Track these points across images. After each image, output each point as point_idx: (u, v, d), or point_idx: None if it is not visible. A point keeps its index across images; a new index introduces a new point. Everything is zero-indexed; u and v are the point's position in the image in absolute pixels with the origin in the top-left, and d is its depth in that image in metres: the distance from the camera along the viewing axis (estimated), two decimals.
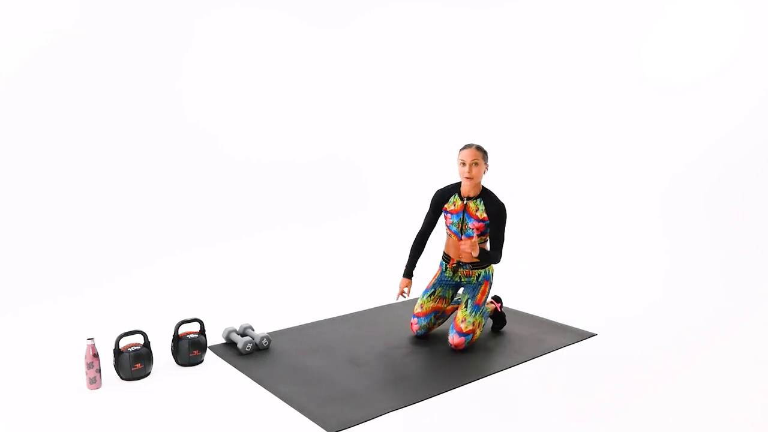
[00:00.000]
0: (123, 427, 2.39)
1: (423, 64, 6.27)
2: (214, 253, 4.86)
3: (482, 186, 3.17)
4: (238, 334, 3.28)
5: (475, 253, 2.93)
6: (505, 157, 6.10)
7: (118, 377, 2.85)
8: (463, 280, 3.27)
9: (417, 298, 3.33)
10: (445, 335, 3.41)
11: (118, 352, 2.83)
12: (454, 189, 3.21)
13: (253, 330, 3.34)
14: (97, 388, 2.74)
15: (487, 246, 3.24)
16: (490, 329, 3.48)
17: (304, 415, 2.47)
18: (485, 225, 3.11)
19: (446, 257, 3.33)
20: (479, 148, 3.08)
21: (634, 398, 2.58)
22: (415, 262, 3.30)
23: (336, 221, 5.68)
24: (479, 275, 3.23)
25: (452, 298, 3.36)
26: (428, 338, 3.36)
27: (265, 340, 3.20)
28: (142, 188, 4.73)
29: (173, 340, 3.01)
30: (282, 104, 5.49)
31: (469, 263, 3.21)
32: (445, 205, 3.21)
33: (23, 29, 4.24)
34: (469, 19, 6.24)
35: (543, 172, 5.79)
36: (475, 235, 3.12)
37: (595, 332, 3.41)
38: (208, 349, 3.20)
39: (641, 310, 3.79)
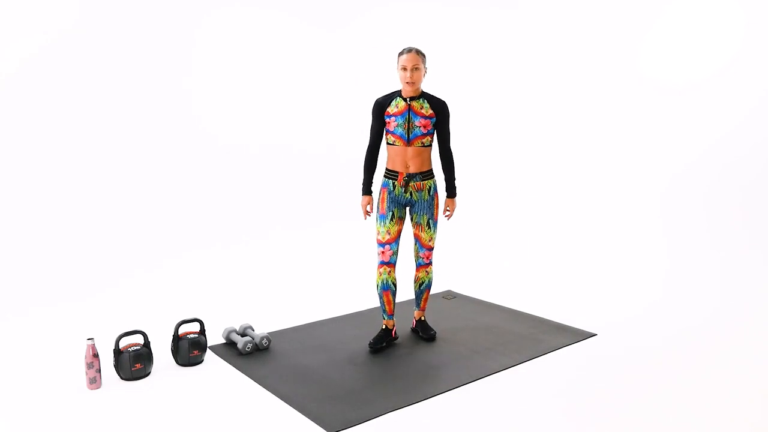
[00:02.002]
0: (123, 427, 2.39)
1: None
2: (214, 253, 4.86)
3: (421, 88, 3.15)
4: (238, 334, 3.28)
5: (453, 208, 3.23)
6: (506, 156, 6.10)
7: (118, 377, 2.85)
8: (414, 195, 3.16)
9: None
10: (442, 333, 3.41)
11: (118, 352, 2.83)
12: (394, 94, 3.16)
13: (253, 330, 3.34)
14: (97, 388, 2.74)
15: (433, 150, 3.24)
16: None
17: (304, 415, 2.47)
18: (431, 122, 3.10)
19: (392, 174, 3.18)
20: (419, 52, 3.07)
21: (633, 398, 2.58)
22: (371, 178, 3.27)
23: (336, 222, 5.68)
24: (430, 187, 3.18)
25: (405, 216, 3.25)
26: (429, 337, 3.36)
27: (265, 340, 3.20)
28: (143, 189, 4.73)
29: (173, 340, 3.02)
30: (282, 106, 5.48)
31: (419, 174, 3.14)
32: (387, 110, 3.13)
33: (23, 29, 4.24)
34: (469, 19, 6.24)
35: (543, 171, 5.79)
36: (422, 134, 3.10)
37: (594, 332, 3.41)
38: (208, 349, 3.20)
39: (641, 310, 3.79)
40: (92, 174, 4.54)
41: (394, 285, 3.20)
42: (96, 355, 2.71)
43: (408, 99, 3.10)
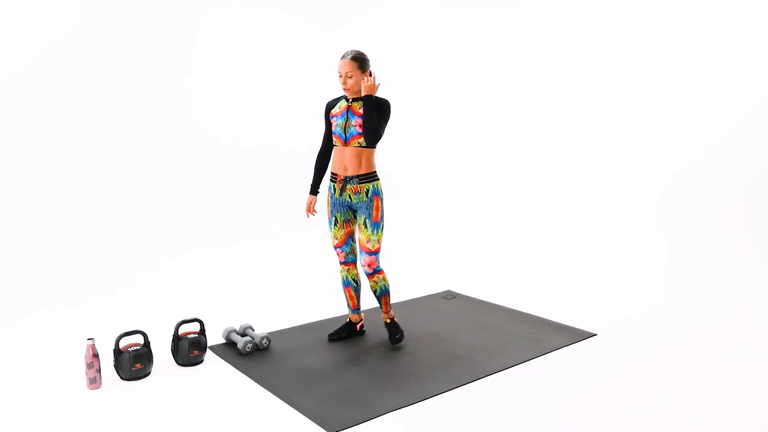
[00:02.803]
0: (123, 427, 2.39)
1: (423, 63, 6.26)
2: (214, 253, 4.86)
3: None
4: (238, 334, 3.28)
5: (371, 90, 3.00)
6: (506, 156, 6.10)
7: (118, 377, 2.85)
8: (353, 198, 3.15)
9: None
10: (442, 333, 3.41)
11: (118, 352, 2.83)
12: (342, 97, 3.18)
13: (253, 330, 3.34)
14: (97, 388, 2.74)
15: (375, 152, 3.20)
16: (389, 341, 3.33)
17: (304, 415, 2.48)
18: None
19: (333, 177, 3.21)
20: (354, 58, 3.01)
21: (633, 398, 2.58)
22: (320, 180, 3.31)
23: None
24: (368, 190, 3.12)
25: (354, 216, 3.24)
26: (429, 337, 3.36)
27: (265, 340, 3.20)
28: (142, 190, 4.73)
29: (173, 340, 3.02)
30: (282, 106, 5.48)
31: (355, 176, 3.10)
32: (332, 111, 3.17)
33: (23, 29, 4.24)
34: (470, 19, 6.24)
35: (543, 171, 5.79)
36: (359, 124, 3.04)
37: (594, 332, 3.41)
38: (208, 349, 3.20)
39: (641, 310, 3.79)
40: (93, 175, 4.54)
41: (355, 281, 3.33)
42: (96, 355, 2.71)
43: (350, 100, 3.11)
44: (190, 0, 4.92)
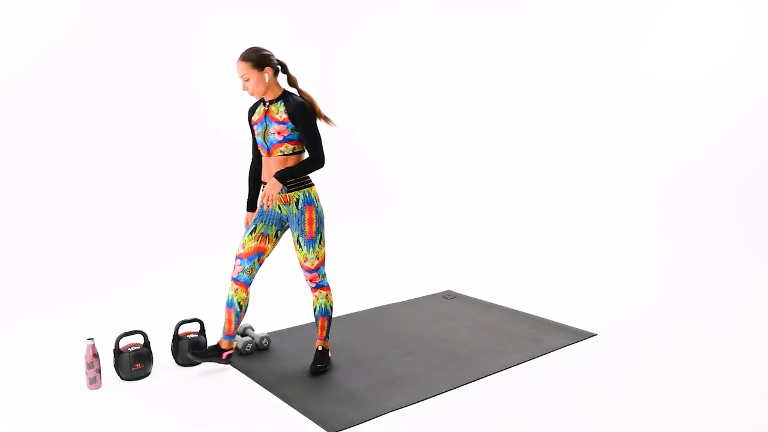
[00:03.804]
0: (123, 427, 2.39)
1: (423, 64, 6.27)
2: (213, 253, 4.86)
3: (283, 89, 2.80)
4: (238, 334, 3.28)
5: (276, 189, 2.68)
6: (506, 156, 6.10)
7: (118, 377, 2.85)
8: (282, 209, 2.81)
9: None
10: (442, 333, 3.41)
11: (118, 352, 2.83)
12: (261, 100, 2.84)
13: (253, 330, 3.34)
14: (97, 388, 2.74)
15: (304, 156, 2.98)
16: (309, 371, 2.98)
17: (304, 415, 2.48)
18: (288, 128, 2.72)
19: (263, 185, 2.91)
20: (245, 59, 2.67)
21: (633, 398, 2.58)
22: (257, 193, 3.00)
23: (336, 222, 5.68)
24: (298, 199, 2.78)
25: (276, 235, 2.89)
26: (429, 337, 3.37)
27: (265, 340, 3.20)
28: (143, 190, 4.73)
29: (173, 340, 3.02)
30: None
31: (285, 185, 2.78)
32: (253, 117, 2.83)
33: (23, 29, 4.24)
34: (470, 19, 6.24)
35: (543, 171, 5.79)
36: (278, 143, 2.75)
37: (594, 332, 3.41)
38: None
39: (641, 310, 3.79)
40: (93, 175, 4.54)
41: (240, 305, 2.87)
42: (96, 355, 2.71)
43: (267, 103, 2.78)
44: (191, 1, 4.92)
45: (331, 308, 2.97)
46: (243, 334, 3.30)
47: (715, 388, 2.66)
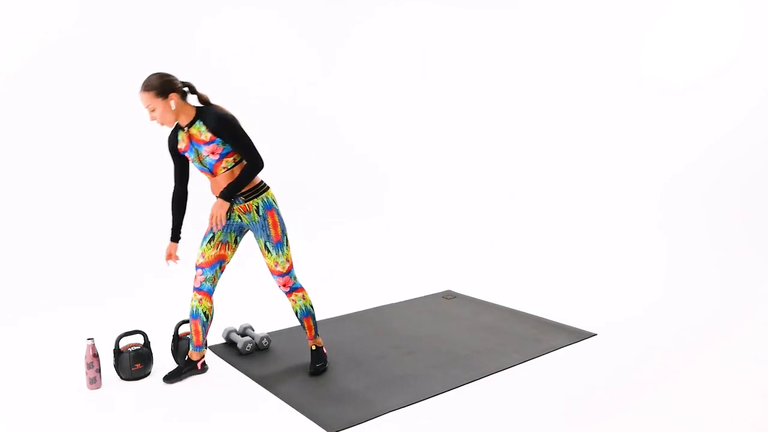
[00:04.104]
0: (123, 427, 2.39)
1: (423, 64, 6.27)
2: None
3: (195, 108, 2.64)
4: (238, 334, 3.28)
5: (224, 209, 2.62)
6: (507, 155, 6.10)
7: (118, 377, 2.85)
8: (243, 218, 2.77)
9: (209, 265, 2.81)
10: (442, 333, 3.41)
11: (118, 352, 2.83)
12: (177, 127, 2.71)
13: (253, 330, 3.34)
14: (97, 388, 2.74)
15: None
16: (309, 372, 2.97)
17: (304, 415, 2.48)
18: (218, 144, 2.61)
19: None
20: (147, 89, 2.52)
21: (633, 398, 2.58)
22: (180, 224, 2.85)
23: (336, 222, 5.68)
24: (257, 206, 2.74)
25: (236, 241, 2.86)
26: (428, 337, 3.37)
27: (265, 340, 3.20)
28: (143, 190, 4.73)
29: (173, 340, 3.01)
30: (285, 109, 5.48)
31: (239, 196, 2.71)
32: (178, 146, 2.72)
33: (23, 29, 4.24)
34: (471, 19, 6.24)
35: (543, 171, 5.79)
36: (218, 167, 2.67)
37: (594, 332, 3.41)
38: (208, 349, 3.20)
39: (641, 310, 3.79)
40: (94, 175, 4.54)
41: (206, 315, 2.83)
42: (96, 355, 2.71)
43: (186, 127, 2.64)
44: (191, 1, 4.92)
45: (312, 306, 2.94)
46: (243, 334, 3.30)
47: (715, 388, 2.66)
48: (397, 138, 6.16)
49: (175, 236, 2.86)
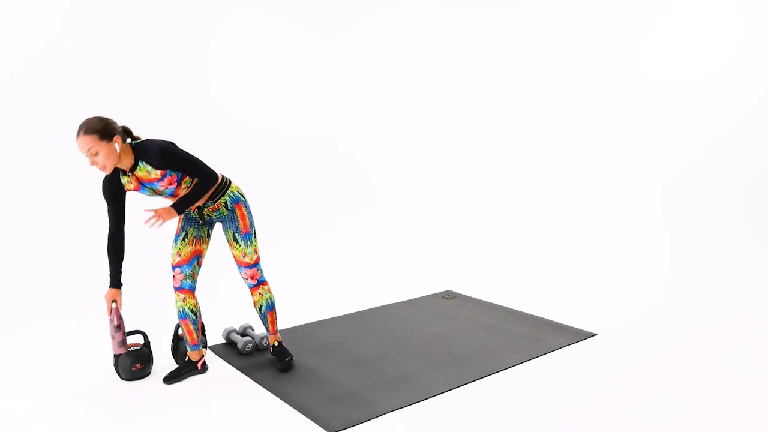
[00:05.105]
0: (123, 427, 2.39)
1: (423, 64, 6.27)
2: (213, 253, 4.86)
3: (131, 148, 2.56)
4: (238, 334, 3.28)
5: (170, 217, 2.56)
6: (507, 155, 6.10)
7: (118, 377, 2.85)
8: (212, 215, 2.82)
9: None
10: (442, 333, 3.41)
11: None
12: (116, 170, 2.62)
13: (253, 330, 3.34)
14: (126, 351, 2.77)
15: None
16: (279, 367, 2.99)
17: (304, 415, 2.48)
18: (171, 174, 2.59)
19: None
20: (90, 131, 2.42)
21: (633, 398, 2.58)
22: (119, 268, 2.67)
23: (336, 222, 5.69)
24: (226, 203, 2.78)
25: (208, 234, 2.88)
26: (428, 337, 3.37)
27: (265, 340, 3.20)
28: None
29: (173, 340, 3.02)
30: (286, 110, 5.48)
31: (207, 200, 2.76)
32: (126, 189, 2.64)
33: (23, 29, 4.24)
34: (471, 19, 6.24)
35: (544, 171, 5.79)
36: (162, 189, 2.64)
37: (594, 332, 3.41)
38: (207, 349, 3.20)
39: (642, 310, 3.79)
40: (94, 175, 4.54)
41: (193, 312, 2.84)
42: (122, 318, 2.72)
43: (128, 173, 2.58)
44: (194, 4, 4.92)
45: (274, 299, 2.96)
46: (243, 334, 3.30)
47: (716, 388, 2.66)
48: (397, 138, 6.16)
49: (116, 282, 2.67)
